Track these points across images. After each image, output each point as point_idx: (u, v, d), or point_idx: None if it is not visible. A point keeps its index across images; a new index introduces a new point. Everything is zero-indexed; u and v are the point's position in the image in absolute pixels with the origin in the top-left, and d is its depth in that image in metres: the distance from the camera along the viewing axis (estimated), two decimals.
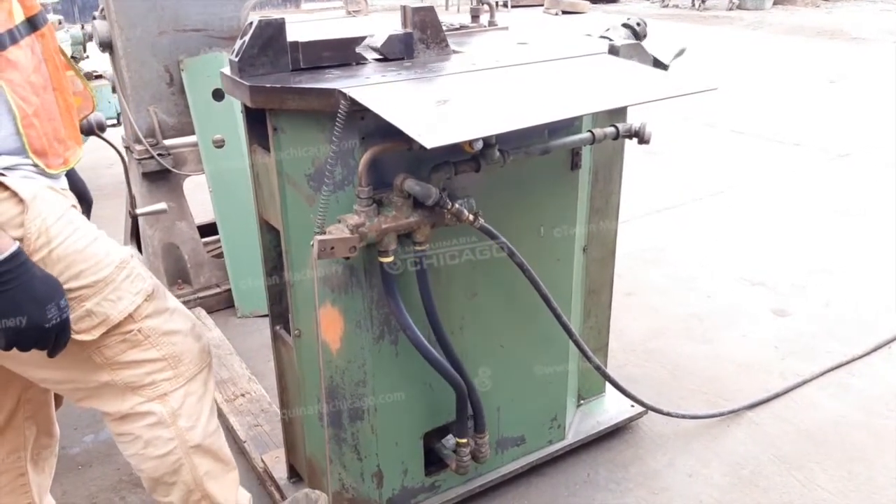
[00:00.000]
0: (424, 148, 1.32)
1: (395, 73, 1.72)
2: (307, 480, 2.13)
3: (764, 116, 6.77)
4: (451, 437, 2.09)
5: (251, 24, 1.65)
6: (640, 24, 2.22)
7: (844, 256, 3.89)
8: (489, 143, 1.72)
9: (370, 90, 1.56)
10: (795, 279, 3.64)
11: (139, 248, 3.26)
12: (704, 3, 15.11)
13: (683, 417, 2.50)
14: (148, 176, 3.09)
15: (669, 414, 2.44)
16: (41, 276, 1.33)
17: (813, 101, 7.36)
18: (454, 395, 1.92)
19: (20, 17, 1.40)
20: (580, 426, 2.46)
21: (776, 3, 15.20)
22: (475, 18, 4.15)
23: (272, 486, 2.24)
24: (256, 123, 1.74)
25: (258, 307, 3.19)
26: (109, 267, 1.46)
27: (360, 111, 1.54)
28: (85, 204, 1.80)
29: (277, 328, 2.03)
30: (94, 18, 3.02)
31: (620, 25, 2.24)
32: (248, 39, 1.65)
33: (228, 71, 1.70)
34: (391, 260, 1.71)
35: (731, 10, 14.85)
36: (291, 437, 2.17)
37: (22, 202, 1.34)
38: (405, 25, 1.85)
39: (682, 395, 2.76)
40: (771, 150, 5.83)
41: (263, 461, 2.30)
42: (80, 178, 1.78)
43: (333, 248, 1.57)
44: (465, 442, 1.99)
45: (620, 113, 2.18)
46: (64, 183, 1.52)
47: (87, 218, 1.80)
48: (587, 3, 15.73)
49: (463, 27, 3.87)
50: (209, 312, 3.16)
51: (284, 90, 1.59)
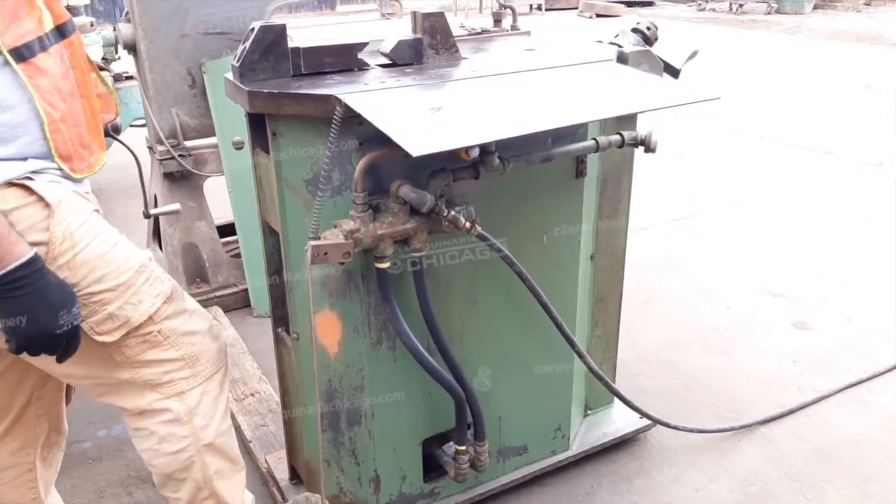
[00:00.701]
0: (413, 155, 1.31)
1: (395, 78, 1.72)
2: (306, 483, 2.15)
3: (795, 123, 6.65)
4: (451, 444, 2.08)
5: (252, 29, 1.67)
6: (650, 28, 2.20)
7: (870, 269, 3.80)
8: (488, 150, 1.71)
9: (366, 96, 1.56)
10: (818, 291, 3.56)
11: (160, 247, 3.32)
12: (742, 7, 14.89)
13: (691, 431, 2.46)
14: (169, 176, 3.14)
15: (676, 427, 2.40)
16: (55, 282, 1.36)
17: (848, 107, 7.20)
18: (453, 402, 1.92)
19: (49, 24, 1.44)
20: (585, 437, 2.43)
21: (816, 7, 14.92)
22: (497, 23, 4.14)
23: (274, 486, 2.25)
24: (258, 127, 1.76)
25: None
26: (130, 271, 1.49)
27: (356, 117, 1.54)
28: None
29: (279, 330, 2.04)
30: (119, 21, 3.07)
31: (630, 30, 2.21)
32: (248, 45, 1.66)
33: (231, 76, 1.72)
34: (388, 266, 1.71)
35: (769, 14, 14.61)
36: (292, 439, 2.18)
37: (48, 206, 1.37)
38: (415, 31, 1.85)
39: (693, 407, 2.71)
40: (799, 157, 5.72)
41: (267, 462, 2.32)
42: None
43: (327, 253, 1.58)
44: (464, 449, 1.98)
45: (630, 120, 2.15)
46: (87, 187, 1.56)
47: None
48: (622, 6, 15.61)
49: (484, 31, 3.86)
50: (226, 311, 3.20)
51: (281, 96, 1.60)
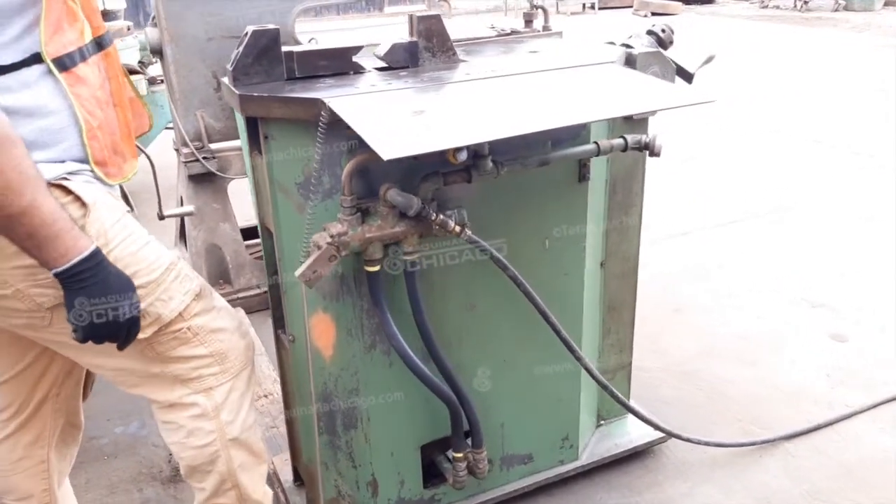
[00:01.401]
0: (384, 158, 1.30)
1: (387, 82, 1.71)
2: (306, 485, 2.15)
3: (847, 126, 6.39)
4: (451, 450, 2.05)
5: (247, 33, 1.68)
6: (664, 30, 2.13)
7: None
8: (481, 153, 1.68)
9: (352, 100, 1.56)
10: (861, 302, 3.41)
11: (186, 248, 3.38)
12: (807, 3, 14.37)
13: (707, 445, 2.37)
14: (194, 178, 3.19)
15: (690, 440, 2.32)
16: (116, 273, 1.41)
17: None
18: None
19: (89, 36, 1.50)
20: (596, 447, 2.37)
21: (887, 3, 14.30)
22: (528, 23, 4.09)
23: (279, 488, 2.26)
24: (253, 130, 1.76)
25: None
26: (160, 269, 1.53)
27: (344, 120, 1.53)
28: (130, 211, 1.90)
29: (279, 332, 2.05)
30: (146, 26, 3.15)
31: (645, 33, 2.15)
32: (242, 49, 1.67)
33: (227, 80, 1.74)
34: (377, 269, 1.70)
35: (836, 11, 14.06)
36: (294, 440, 2.19)
37: (84, 206, 1.42)
38: (411, 34, 1.83)
39: (714, 420, 2.62)
40: (846, 161, 5.49)
41: (273, 463, 2.33)
42: (122, 189, 1.88)
43: (316, 271, 1.58)
44: (460, 456, 1.96)
45: (640, 123, 2.09)
46: (117, 192, 1.61)
47: None
48: (679, 4, 15.30)
49: (514, 32, 3.82)
50: (248, 313, 3.23)
51: (271, 99, 1.60)
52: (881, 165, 5.36)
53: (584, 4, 17.77)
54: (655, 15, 15.00)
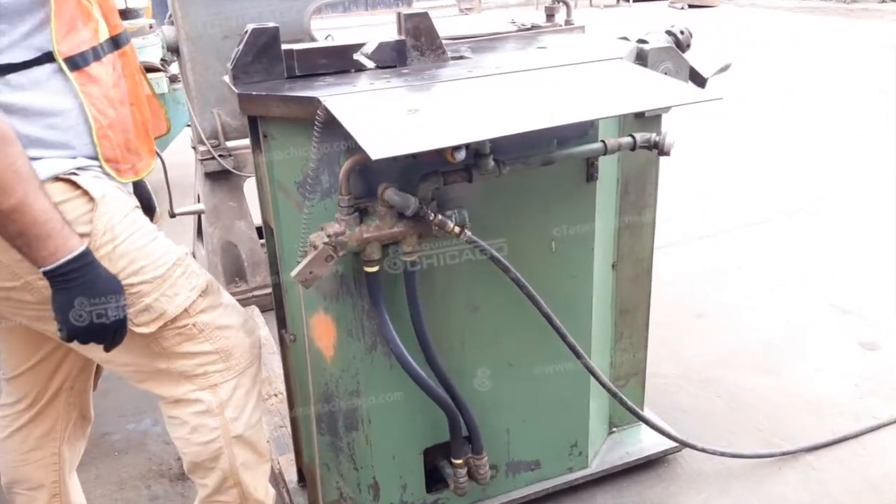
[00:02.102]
0: (372, 158, 1.27)
1: (385, 80, 1.68)
2: (308, 486, 2.13)
3: (886, 121, 6.18)
4: None
5: (246, 31, 1.66)
6: (683, 32, 2.07)
7: None
8: (482, 152, 1.65)
9: (348, 98, 1.53)
10: (894, 308, 3.28)
11: (203, 244, 3.40)
12: None
13: (724, 455, 2.29)
14: (210, 175, 3.21)
15: (704, 450, 2.25)
16: (105, 275, 1.42)
17: None
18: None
19: (105, 35, 1.52)
20: (608, 455, 2.31)
21: None
22: (550, 18, 4.03)
23: (283, 488, 2.25)
24: (254, 129, 1.75)
25: None
26: (167, 264, 1.54)
27: None
28: (149, 212, 1.91)
29: (282, 331, 2.04)
30: (163, 24, 3.16)
31: (664, 31, 2.09)
32: (241, 47, 1.66)
33: (227, 78, 1.72)
34: (376, 270, 1.67)
35: (883, 1, 13.53)
36: (298, 440, 2.17)
37: (92, 200, 1.43)
38: (399, 32, 1.80)
39: (733, 430, 2.54)
40: (885, 160, 5.31)
41: (279, 463, 2.32)
42: (146, 188, 1.90)
43: (312, 272, 1.56)
44: (460, 462, 1.92)
45: (653, 121, 2.04)
46: (129, 189, 1.63)
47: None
48: None
49: (534, 27, 3.76)
50: (262, 311, 3.23)
51: (269, 97, 1.59)
52: None
53: None
54: (693, 7, 14.61)
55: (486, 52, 2.01)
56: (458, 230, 1.63)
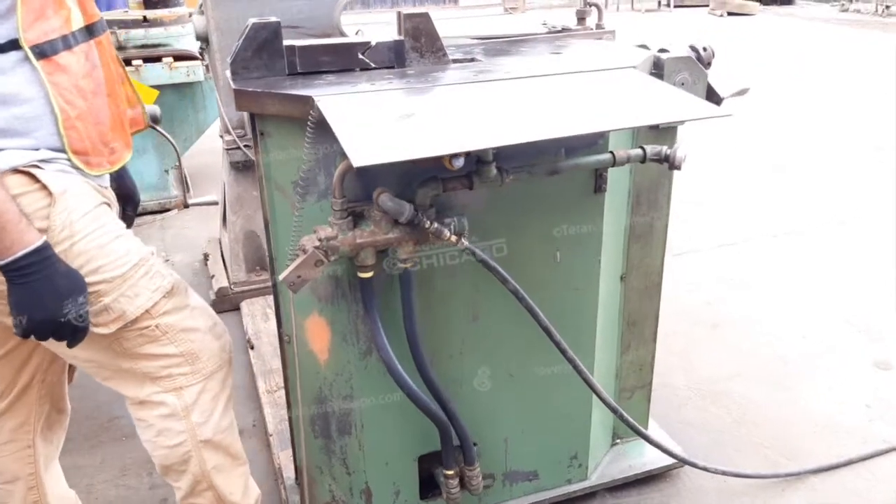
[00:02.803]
0: (354, 165, 1.24)
1: (387, 81, 1.64)
2: (300, 486, 2.11)
3: None
4: None
5: (247, 26, 1.64)
6: (706, 49, 2.01)
7: None
8: (485, 159, 1.61)
9: (343, 99, 1.50)
10: None
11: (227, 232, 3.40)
12: (889, 8, 13.61)
13: (724, 474, 2.24)
14: (235, 165, 3.20)
15: (705, 468, 2.19)
16: (64, 271, 1.39)
17: None
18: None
19: (79, 24, 1.47)
20: (608, 468, 2.27)
21: None
22: (581, 21, 3.95)
23: (281, 483, 2.24)
24: (253, 126, 1.72)
25: None
26: (128, 265, 1.51)
27: None
28: (132, 203, 1.89)
29: (280, 330, 2.02)
30: (194, 14, 3.15)
31: (688, 46, 2.03)
32: (241, 42, 1.63)
33: (227, 72, 1.70)
34: (370, 276, 1.64)
35: None
36: (294, 438, 2.15)
37: (50, 195, 1.40)
38: (399, 32, 1.76)
39: (738, 447, 2.48)
40: None
41: (279, 458, 2.31)
42: (130, 177, 1.88)
43: (300, 276, 1.53)
44: (451, 473, 1.89)
45: (669, 132, 1.98)
46: (105, 181, 1.59)
47: (132, 216, 1.89)
48: (756, 4, 14.73)
49: (564, 30, 3.69)
50: None
51: (265, 95, 1.56)
52: None
53: (659, 1, 17.29)
54: (732, 15, 14.50)
55: (498, 55, 1.96)
56: (454, 239, 1.59)
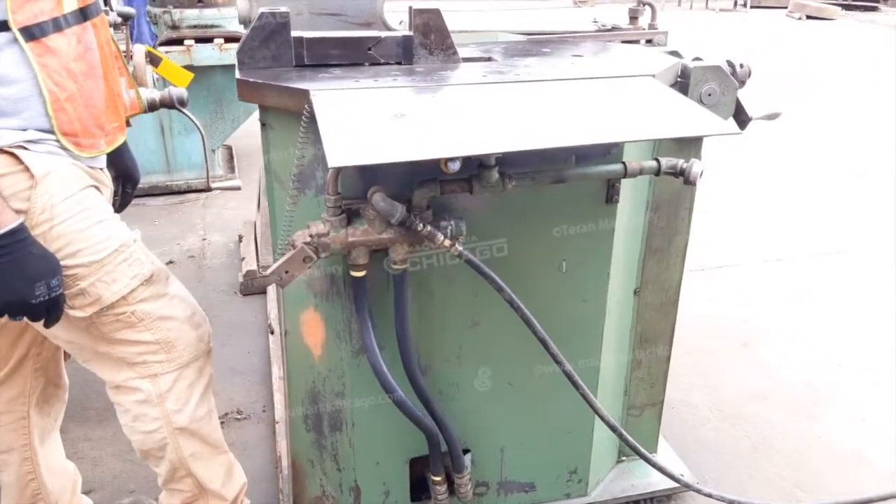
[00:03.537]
0: (329, 165, 1.21)
1: (392, 78, 1.61)
2: (293, 478, 2.10)
3: None
4: None
5: (258, 15, 1.62)
6: (742, 65, 1.92)
7: None
8: (486, 164, 1.56)
9: (339, 94, 1.47)
10: None
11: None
12: None
13: (731, 503, 2.14)
14: None
15: (710, 495, 2.09)
16: (39, 253, 1.40)
17: None
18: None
19: (72, 6, 1.47)
20: (611, 485, 2.20)
21: None
22: (633, 20, 3.83)
23: (280, 472, 2.25)
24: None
25: None
26: (107, 250, 1.51)
27: None
28: (131, 182, 1.90)
29: (282, 322, 2.01)
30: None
31: (725, 60, 1.94)
32: (249, 31, 1.62)
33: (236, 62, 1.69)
34: (363, 275, 1.61)
35: None
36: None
37: (33, 177, 1.41)
38: (409, 27, 1.72)
39: (752, 474, 2.38)
40: None
41: (281, 447, 2.32)
42: (130, 156, 1.90)
43: (288, 271, 1.51)
44: (439, 479, 1.86)
45: (694, 143, 1.89)
46: (98, 163, 1.59)
47: (131, 194, 1.91)
48: (837, 9, 14.16)
49: (615, 28, 3.59)
50: None
51: (263, 86, 1.54)
52: None
53: (735, 1, 16.78)
54: (811, 18, 13.99)
55: (516, 55, 1.90)
56: (448, 243, 1.55)
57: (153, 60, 2.88)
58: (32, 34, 1.37)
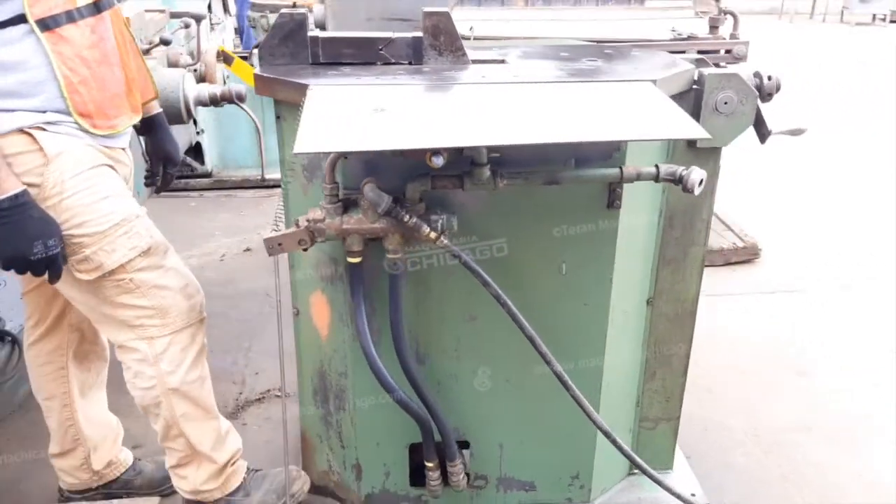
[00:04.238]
0: (293, 152, 1.31)
1: (395, 76, 1.69)
2: (302, 450, 2.21)
3: None
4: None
5: (278, 14, 1.75)
6: (770, 78, 1.88)
7: None
8: (478, 161, 1.62)
9: (333, 90, 1.57)
10: None
11: None
12: None
13: None
14: None
15: None
16: (38, 216, 1.60)
17: None
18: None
19: (83, 0, 1.66)
20: (616, 496, 2.18)
21: None
22: (713, 29, 3.76)
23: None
24: None
25: None
26: (109, 223, 1.71)
27: None
28: (172, 163, 2.11)
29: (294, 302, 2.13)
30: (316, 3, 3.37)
31: (752, 73, 1.91)
32: (270, 31, 1.75)
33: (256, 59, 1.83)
34: (358, 261, 1.71)
35: None
36: None
37: (46, 156, 1.62)
38: (419, 29, 1.80)
39: (777, 502, 2.29)
40: None
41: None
42: (171, 139, 2.10)
43: (281, 244, 1.63)
44: (431, 465, 1.91)
45: (711, 153, 1.87)
46: (118, 142, 1.80)
47: (172, 174, 2.11)
48: None
49: (691, 38, 3.55)
50: None
51: (275, 81, 1.67)
52: None
53: (874, 15, 15.80)
54: None
55: (530, 58, 1.95)
56: (433, 236, 1.61)
57: (226, 59, 3.13)
58: (47, 25, 1.56)
